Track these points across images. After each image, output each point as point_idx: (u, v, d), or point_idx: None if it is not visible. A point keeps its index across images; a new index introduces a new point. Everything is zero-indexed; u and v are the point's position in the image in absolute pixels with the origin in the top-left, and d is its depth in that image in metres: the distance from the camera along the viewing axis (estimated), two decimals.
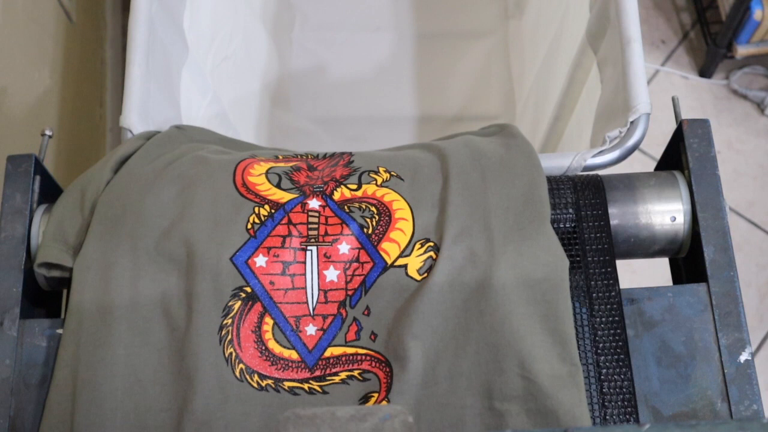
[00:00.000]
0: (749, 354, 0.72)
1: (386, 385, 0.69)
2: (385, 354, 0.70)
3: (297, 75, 1.52)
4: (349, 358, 0.70)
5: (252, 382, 0.69)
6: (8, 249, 0.75)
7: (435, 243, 0.72)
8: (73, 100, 1.34)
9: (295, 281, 0.71)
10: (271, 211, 0.73)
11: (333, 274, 0.72)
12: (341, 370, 0.70)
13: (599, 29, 1.00)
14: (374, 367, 0.70)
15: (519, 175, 0.75)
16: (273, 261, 0.71)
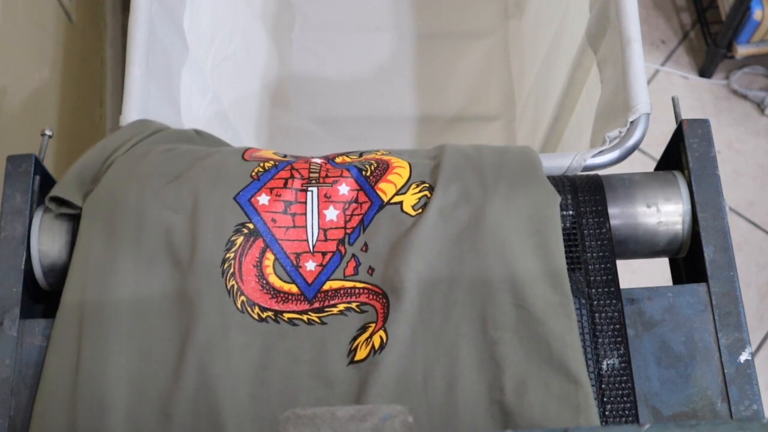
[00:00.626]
0: (749, 354, 0.72)
1: (383, 316, 0.71)
2: (382, 287, 0.72)
3: (297, 75, 1.52)
4: (347, 291, 0.73)
5: (252, 313, 0.71)
6: (8, 249, 0.75)
7: (430, 184, 0.75)
8: (73, 100, 1.34)
9: (296, 220, 0.74)
10: (275, 164, 0.77)
11: (333, 214, 0.75)
12: (339, 302, 0.72)
13: (599, 29, 1.00)
14: (372, 300, 0.72)
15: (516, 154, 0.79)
16: (275, 200, 0.74)
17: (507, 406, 0.68)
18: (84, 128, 1.40)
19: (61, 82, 1.29)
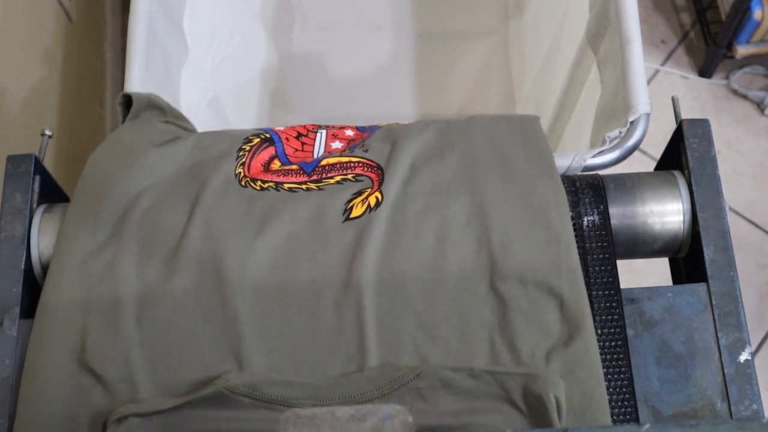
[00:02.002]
0: (749, 354, 0.72)
1: (378, 182, 0.77)
2: (376, 160, 0.78)
3: (297, 75, 1.52)
4: (343, 165, 0.79)
5: (255, 186, 0.77)
6: (8, 249, 0.75)
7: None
8: (73, 100, 1.34)
9: (305, 146, 0.82)
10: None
11: (338, 145, 0.82)
12: (336, 174, 0.78)
13: (599, 29, 1.00)
14: (366, 171, 0.78)
15: None
16: (289, 131, 0.84)
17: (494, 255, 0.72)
18: (84, 128, 1.40)
19: (61, 82, 1.29)
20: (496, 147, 0.78)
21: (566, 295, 0.70)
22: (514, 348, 0.70)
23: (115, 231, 0.74)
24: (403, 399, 0.69)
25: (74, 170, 1.22)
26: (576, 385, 0.68)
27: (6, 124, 1.11)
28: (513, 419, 0.67)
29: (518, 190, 0.75)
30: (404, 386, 0.69)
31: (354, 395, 0.69)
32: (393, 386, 0.69)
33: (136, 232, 0.74)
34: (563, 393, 0.67)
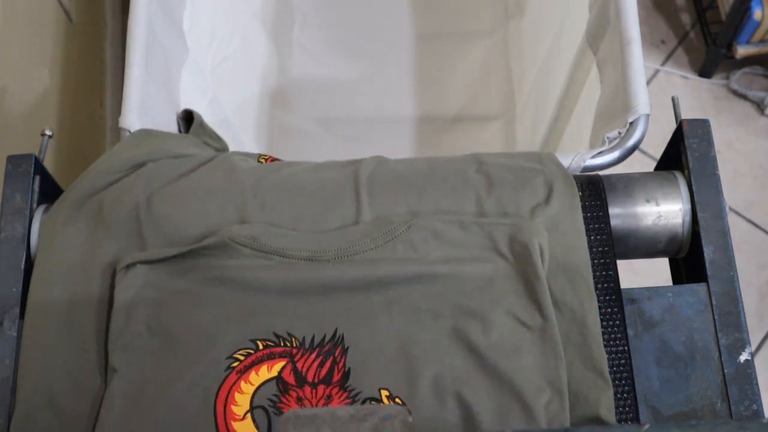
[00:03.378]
0: (749, 354, 0.72)
1: None
2: None
3: (297, 75, 1.52)
4: None
5: None
6: (8, 249, 0.75)
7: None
8: (73, 100, 1.34)
9: None
10: None
11: None
12: None
13: (599, 30, 1.00)
14: None
15: None
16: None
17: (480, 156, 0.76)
18: (84, 128, 1.40)
19: (61, 82, 1.29)
20: None
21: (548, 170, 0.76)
22: (500, 204, 0.74)
23: None
24: (396, 249, 0.73)
25: (74, 170, 1.22)
26: (559, 238, 0.73)
27: (6, 124, 1.11)
28: (499, 266, 0.72)
29: None
30: (396, 237, 0.73)
31: (349, 247, 0.73)
32: (386, 238, 0.73)
33: None
34: (546, 242, 0.72)
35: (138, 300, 0.71)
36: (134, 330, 0.70)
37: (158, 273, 0.72)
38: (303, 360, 0.69)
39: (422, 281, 0.71)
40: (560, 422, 0.67)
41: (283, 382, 0.69)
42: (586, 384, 0.69)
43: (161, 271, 0.72)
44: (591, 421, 0.68)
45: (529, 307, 0.71)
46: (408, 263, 0.72)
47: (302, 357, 0.70)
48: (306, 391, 0.69)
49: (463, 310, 0.70)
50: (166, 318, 0.70)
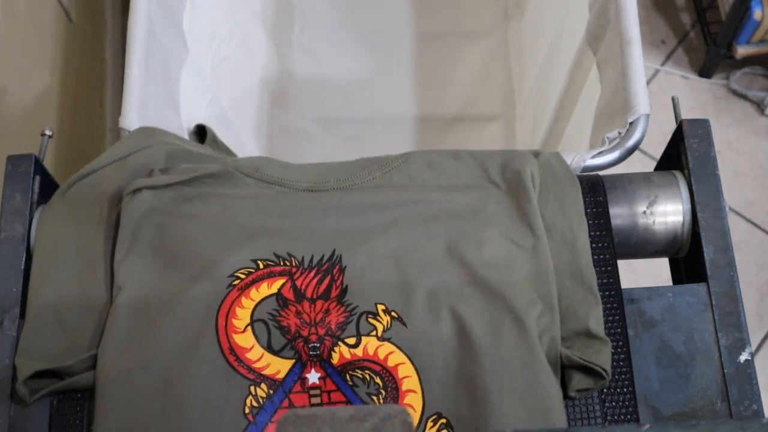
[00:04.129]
0: (749, 354, 0.72)
1: None
2: None
3: (297, 75, 1.52)
4: None
5: None
6: (8, 249, 0.75)
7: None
8: (73, 100, 1.34)
9: None
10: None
11: None
12: None
13: (599, 30, 1.00)
14: None
15: None
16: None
17: None
18: (84, 128, 1.40)
19: (61, 82, 1.29)
20: None
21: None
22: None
23: None
24: (393, 180, 0.76)
25: (74, 170, 1.22)
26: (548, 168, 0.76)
27: (6, 124, 1.11)
28: (492, 192, 0.75)
29: None
30: (393, 169, 0.76)
31: (347, 178, 0.76)
32: (384, 170, 0.77)
33: None
34: (537, 170, 0.75)
35: (143, 223, 0.74)
36: (139, 251, 0.72)
37: (163, 198, 0.75)
38: (302, 278, 0.71)
39: (418, 206, 0.74)
40: (551, 335, 0.69)
41: (283, 297, 0.71)
42: (576, 299, 0.71)
43: (166, 197, 0.75)
44: (580, 334, 0.70)
45: (520, 228, 0.73)
46: (404, 190, 0.75)
47: (301, 275, 0.72)
48: (305, 306, 0.70)
49: (456, 230, 0.73)
50: (169, 240, 0.73)
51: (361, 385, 0.69)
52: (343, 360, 0.69)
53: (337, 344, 0.69)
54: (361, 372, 0.69)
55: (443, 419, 0.68)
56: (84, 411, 0.70)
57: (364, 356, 0.69)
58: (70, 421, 0.70)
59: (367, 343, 0.69)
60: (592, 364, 0.68)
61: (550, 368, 0.68)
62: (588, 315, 0.70)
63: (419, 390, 0.68)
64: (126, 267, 0.72)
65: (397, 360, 0.69)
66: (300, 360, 0.69)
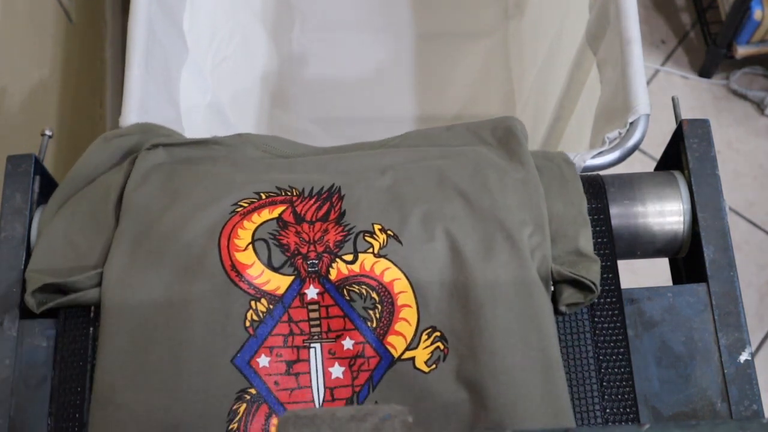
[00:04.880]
0: (749, 354, 0.72)
1: None
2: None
3: (297, 75, 1.52)
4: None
5: None
6: (8, 249, 0.75)
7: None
8: (73, 100, 1.34)
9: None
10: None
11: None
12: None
13: (599, 30, 1.00)
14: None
15: None
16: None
17: None
18: (84, 128, 1.40)
19: (61, 82, 1.29)
20: None
21: None
22: None
23: None
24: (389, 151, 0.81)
25: None
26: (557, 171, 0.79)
27: (6, 124, 1.11)
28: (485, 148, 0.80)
29: None
30: (394, 146, 0.82)
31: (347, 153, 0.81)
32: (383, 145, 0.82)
33: None
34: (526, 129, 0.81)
35: (154, 168, 0.78)
36: (149, 188, 0.76)
37: (175, 154, 0.80)
38: (302, 204, 0.74)
39: (414, 152, 0.80)
40: (542, 252, 0.72)
41: (283, 221, 0.73)
42: (567, 221, 0.74)
43: (178, 153, 0.80)
44: (570, 253, 0.73)
45: (511, 164, 0.77)
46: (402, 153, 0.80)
47: (301, 202, 0.75)
48: (304, 227, 0.73)
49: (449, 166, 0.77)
50: (178, 180, 0.77)
51: (358, 299, 0.71)
52: (341, 276, 0.71)
53: (334, 261, 0.72)
54: (357, 287, 0.71)
55: (437, 332, 0.70)
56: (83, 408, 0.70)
57: (361, 272, 0.71)
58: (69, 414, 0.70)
59: (363, 259, 0.71)
60: (582, 277, 0.70)
61: (541, 283, 0.70)
62: (578, 235, 0.73)
63: (414, 304, 0.71)
64: (135, 196, 0.75)
65: (393, 276, 0.71)
66: (299, 276, 0.71)
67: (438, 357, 0.69)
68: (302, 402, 0.69)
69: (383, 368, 0.70)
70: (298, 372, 0.70)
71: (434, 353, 0.70)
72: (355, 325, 0.70)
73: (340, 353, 0.70)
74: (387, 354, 0.70)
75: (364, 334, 0.70)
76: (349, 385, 0.69)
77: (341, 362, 0.70)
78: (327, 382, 0.70)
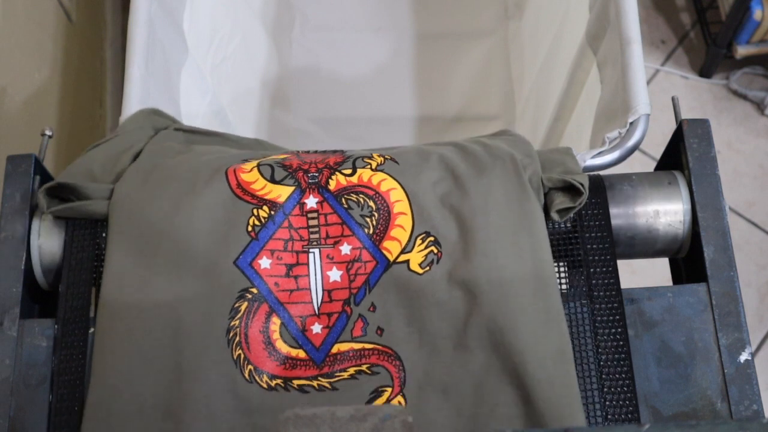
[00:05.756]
0: (749, 354, 0.72)
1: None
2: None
3: (297, 75, 1.52)
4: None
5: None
6: (8, 249, 0.75)
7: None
8: (73, 100, 1.34)
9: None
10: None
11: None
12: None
13: (599, 30, 1.00)
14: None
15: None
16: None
17: None
18: (84, 128, 1.40)
19: (61, 82, 1.29)
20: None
21: None
22: None
23: None
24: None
25: None
26: None
27: (6, 124, 1.11)
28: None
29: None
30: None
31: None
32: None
33: None
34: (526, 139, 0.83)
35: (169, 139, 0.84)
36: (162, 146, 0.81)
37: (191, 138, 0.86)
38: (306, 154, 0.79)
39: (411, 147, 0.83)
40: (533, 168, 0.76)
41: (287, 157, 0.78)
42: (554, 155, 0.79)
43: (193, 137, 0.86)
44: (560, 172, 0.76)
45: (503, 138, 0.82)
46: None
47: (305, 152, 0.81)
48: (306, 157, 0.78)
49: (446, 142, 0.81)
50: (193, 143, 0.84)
51: (356, 207, 0.74)
52: (339, 186, 0.75)
53: (334, 173, 0.76)
54: (355, 196, 0.75)
55: (431, 237, 0.74)
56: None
57: (359, 183, 0.75)
58: (69, 407, 0.70)
59: (362, 173, 0.76)
60: (572, 179, 0.74)
61: (532, 191, 0.75)
62: (564, 160, 0.78)
63: (409, 212, 0.74)
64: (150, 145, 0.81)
65: (389, 186, 0.75)
66: (299, 187, 0.75)
67: (432, 260, 0.73)
68: (301, 303, 0.72)
69: (379, 272, 0.73)
70: (297, 275, 0.73)
71: (428, 257, 0.73)
72: (352, 232, 0.74)
73: (338, 258, 0.73)
74: (383, 258, 0.73)
75: (361, 240, 0.73)
76: (346, 287, 0.73)
77: (339, 266, 0.73)
78: (325, 285, 0.73)
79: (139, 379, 0.69)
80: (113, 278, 0.72)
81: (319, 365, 0.71)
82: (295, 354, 0.71)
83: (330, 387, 0.70)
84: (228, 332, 0.70)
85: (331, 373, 0.71)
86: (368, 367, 0.71)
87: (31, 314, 0.76)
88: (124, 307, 0.71)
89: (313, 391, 0.70)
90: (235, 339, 0.70)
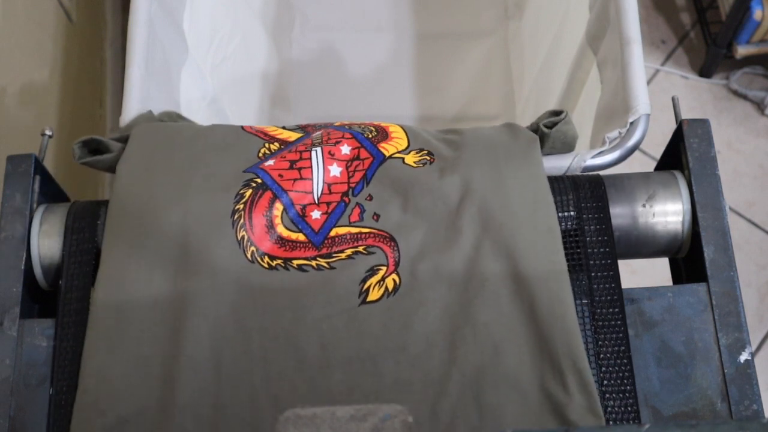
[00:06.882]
0: (749, 354, 0.72)
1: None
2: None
3: (297, 75, 1.52)
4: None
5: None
6: (8, 249, 0.75)
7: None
8: (73, 100, 1.34)
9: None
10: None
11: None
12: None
13: (599, 30, 1.00)
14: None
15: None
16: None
17: None
18: (84, 128, 1.40)
19: (61, 82, 1.29)
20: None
21: None
22: None
23: None
24: None
25: (74, 170, 1.22)
26: None
27: (6, 124, 1.11)
28: None
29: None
30: None
31: None
32: None
33: None
34: None
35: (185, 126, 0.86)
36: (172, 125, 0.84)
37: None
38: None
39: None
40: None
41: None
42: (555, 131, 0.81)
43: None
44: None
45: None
46: None
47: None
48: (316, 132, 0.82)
49: None
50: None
51: (357, 128, 0.81)
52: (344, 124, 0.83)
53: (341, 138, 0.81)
54: (358, 126, 0.82)
55: (425, 151, 0.80)
56: None
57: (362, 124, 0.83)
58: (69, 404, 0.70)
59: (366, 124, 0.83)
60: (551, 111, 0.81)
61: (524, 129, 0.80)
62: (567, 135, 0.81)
63: (405, 138, 0.81)
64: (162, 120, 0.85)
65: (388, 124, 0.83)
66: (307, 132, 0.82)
67: (425, 162, 0.79)
68: (303, 191, 0.77)
69: (375, 165, 0.78)
70: (300, 167, 0.78)
71: (422, 160, 0.79)
72: (352, 135, 0.80)
73: (338, 155, 0.78)
74: (379, 153, 0.79)
75: (361, 141, 0.80)
76: (345, 182, 0.77)
77: (339, 163, 0.78)
78: (326, 178, 0.77)
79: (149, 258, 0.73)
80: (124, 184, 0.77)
81: (318, 247, 0.75)
82: (294, 237, 0.75)
83: (328, 266, 0.74)
84: (233, 214, 0.74)
85: (329, 254, 0.74)
86: (364, 248, 0.74)
87: (31, 314, 0.76)
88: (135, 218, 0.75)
89: (311, 270, 0.73)
90: (240, 221, 0.74)
